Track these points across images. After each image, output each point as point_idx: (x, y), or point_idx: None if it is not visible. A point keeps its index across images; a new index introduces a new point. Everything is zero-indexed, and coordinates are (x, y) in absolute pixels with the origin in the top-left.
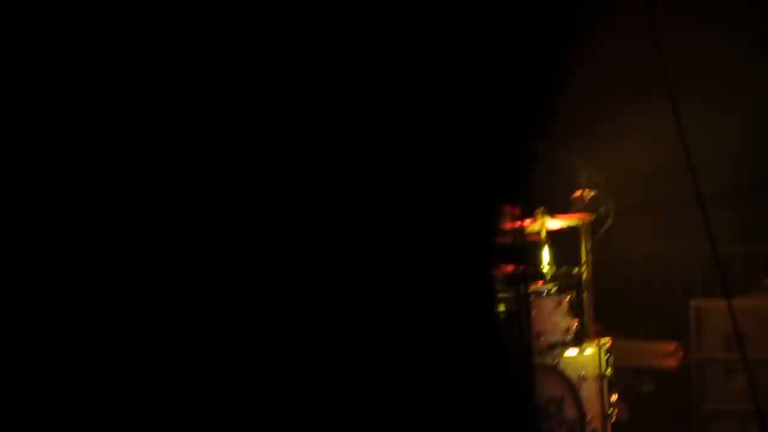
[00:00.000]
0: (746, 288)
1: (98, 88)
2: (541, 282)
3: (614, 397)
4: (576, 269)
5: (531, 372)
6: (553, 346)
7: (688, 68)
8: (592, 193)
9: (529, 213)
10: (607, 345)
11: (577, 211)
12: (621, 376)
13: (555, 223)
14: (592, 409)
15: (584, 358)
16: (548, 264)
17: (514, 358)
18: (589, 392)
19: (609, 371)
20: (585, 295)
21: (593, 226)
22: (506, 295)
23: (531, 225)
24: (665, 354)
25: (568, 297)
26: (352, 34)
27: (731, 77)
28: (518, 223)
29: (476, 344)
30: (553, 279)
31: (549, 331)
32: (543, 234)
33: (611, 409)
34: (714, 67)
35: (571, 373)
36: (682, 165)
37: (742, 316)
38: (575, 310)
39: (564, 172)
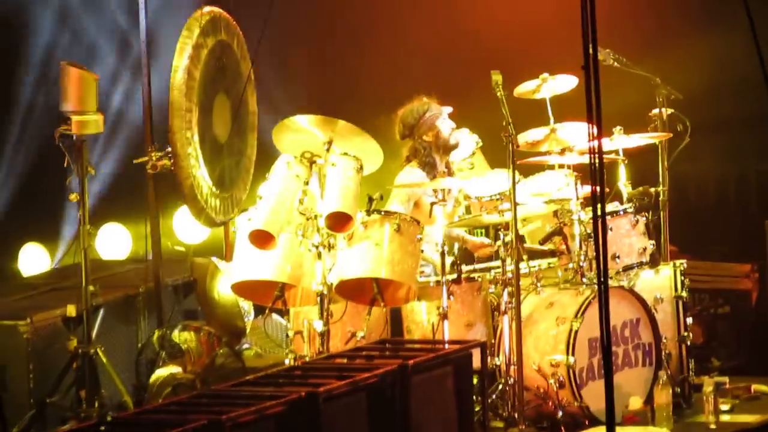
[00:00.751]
0: None
1: None
2: (617, 202)
3: (690, 319)
4: (653, 189)
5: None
6: (629, 268)
7: None
8: (669, 111)
9: (606, 131)
10: (683, 267)
11: (655, 129)
12: (697, 297)
13: (632, 142)
14: (667, 331)
15: (660, 279)
16: (625, 183)
17: None
18: (664, 314)
19: (685, 293)
20: (661, 215)
21: (670, 146)
22: (583, 215)
23: (608, 143)
24: (741, 275)
25: (645, 218)
26: None
27: None
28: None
29: None
30: (630, 199)
31: (625, 252)
32: (620, 153)
33: (687, 332)
34: None
35: (647, 294)
36: (755, 83)
37: None
38: (651, 230)
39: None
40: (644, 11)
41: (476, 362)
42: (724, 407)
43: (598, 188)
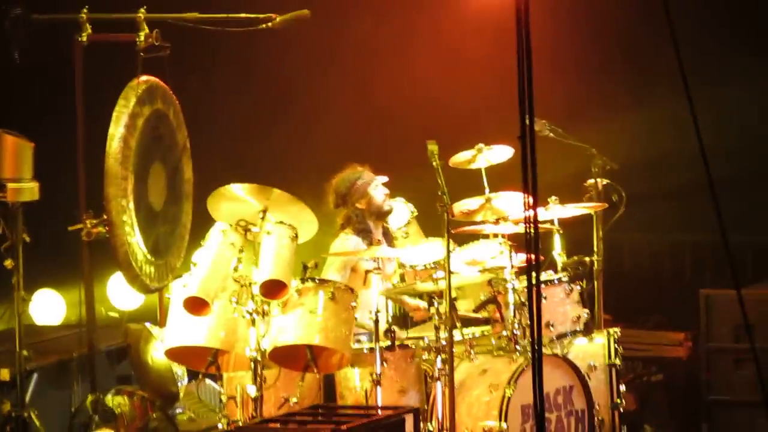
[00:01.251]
0: (756, 278)
1: None
2: (552, 271)
3: (623, 387)
4: (587, 258)
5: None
6: (562, 336)
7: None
8: (605, 182)
9: (542, 201)
10: (617, 335)
11: (590, 199)
12: (630, 365)
13: (567, 212)
14: (600, 398)
15: (594, 347)
16: (560, 252)
17: None
18: (597, 382)
19: (618, 361)
20: (595, 284)
21: (605, 215)
22: (517, 284)
23: (543, 213)
24: (674, 344)
25: (579, 286)
26: None
27: (740, 67)
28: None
29: None
30: (564, 268)
31: (559, 321)
32: (555, 222)
33: (620, 399)
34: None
35: (580, 362)
36: (690, 154)
37: (752, 306)
38: (585, 299)
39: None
40: (579, 83)
41: (409, 428)
42: None
43: (532, 257)
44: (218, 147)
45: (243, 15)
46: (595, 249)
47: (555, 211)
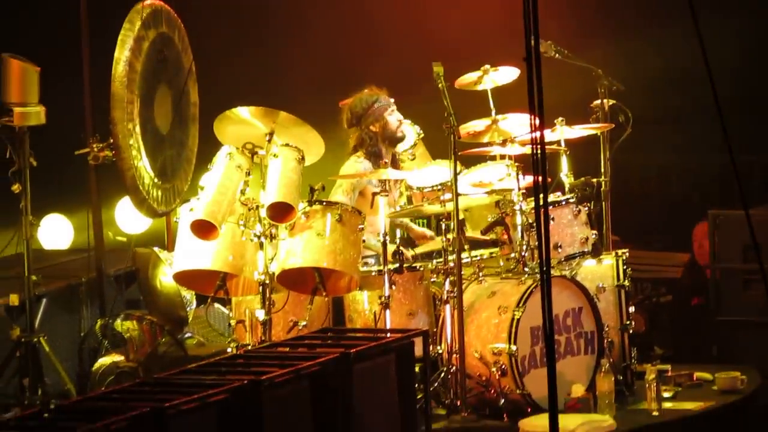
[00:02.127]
0: (765, 198)
1: None
2: (559, 192)
3: (632, 308)
4: (595, 180)
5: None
6: (571, 257)
7: None
8: (611, 102)
9: (548, 122)
10: (625, 256)
11: (596, 120)
12: (639, 287)
13: (574, 133)
14: (609, 319)
15: (602, 269)
16: (567, 174)
17: None
18: (606, 303)
19: (627, 282)
20: (603, 205)
21: (612, 136)
22: (525, 205)
23: (550, 134)
24: (682, 265)
25: (587, 208)
26: None
27: None
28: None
29: None
30: (572, 189)
31: (567, 242)
32: (562, 144)
33: (629, 321)
34: None
35: (589, 284)
36: (699, 74)
37: (761, 226)
38: (593, 220)
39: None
40: (586, 2)
41: (418, 351)
42: (667, 395)
43: (540, 178)
44: (224, 70)
45: None
46: (603, 170)
47: (562, 133)
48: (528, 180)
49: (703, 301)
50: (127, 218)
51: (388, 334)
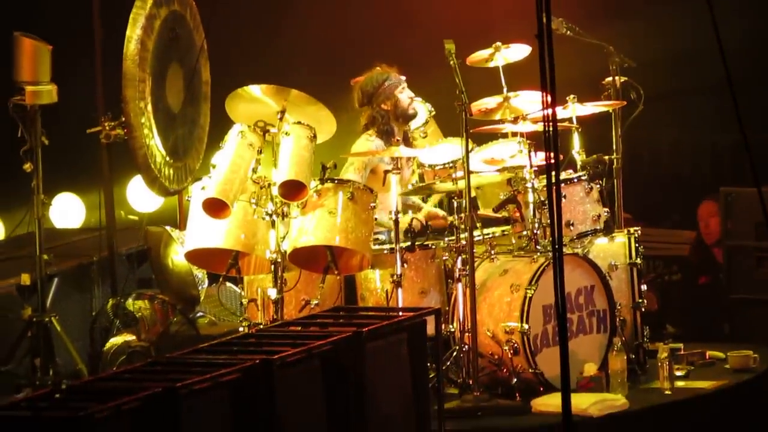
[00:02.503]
0: None
1: None
2: (571, 170)
3: (644, 286)
4: (607, 157)
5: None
6: (583, 235)
7: None
8: (623, 80)
9: (560, 99)
10: (637, 234)
11: (608, 97)
12: (651, 265)
13: (586, 110)
14: (621, 298)
15: (614, 246)
16: (578, 151)
17: None
18: (618, 281)
19: (639, 260)
20: (615, 183)
21: (624, 113)
22: (537, 183)
23: (561, 111)
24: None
25: (599, 185)
26: None
27: None
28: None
29: None
30: (584, 167)
31: (579, 220)
32: (573, 121)
33: (641, 299)
34: None
35: (601, 262)
36: (708, 52)
37: None
38: (605, 198)
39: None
40: None
41: (430, 329)
42: (679, 373)
43: (551, 156)
44: (236, 48)
45: None
46: (614, 147)
47: (574, 110)
48: (540, 157)
49: (710, 280)
50: (139, 197)
51: (400, 313)
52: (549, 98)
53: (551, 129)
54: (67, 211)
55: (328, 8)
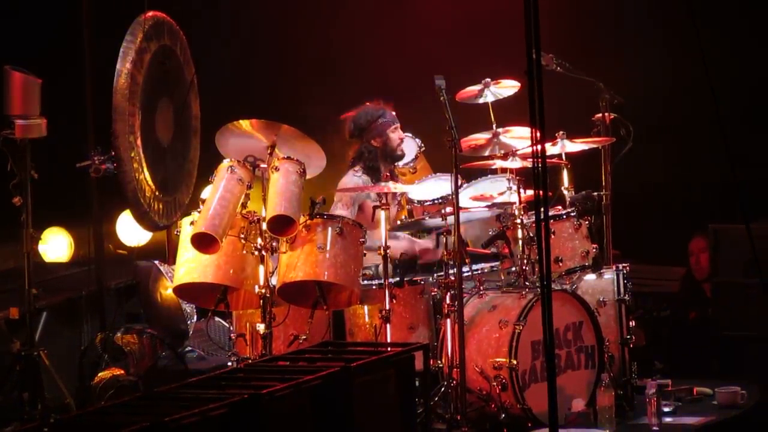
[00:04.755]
0: (765, 212)
1: None
2: (560, 206)
3: (632, 322)
4: (596, 193)
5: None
6: (571, 271)
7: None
8: (612, 116)
9: (549, 136)
10: (626, 270)
11: (598, 134)
12: (639, 301)
13: (575, 146)
14: (610, 334)
15: (603, 283)
16: (567, 187)
17: None
18: (607, 317)
19: (627, 296)
20: (604, 219)
21: (613, 150)
22: (526, 219)
23: (551, 148)
24: (680, 279)
25: (588, 221)
26: None
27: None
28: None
29: None
30: (573, 203)
31: (568, 256)
32: (563, 157)
33: (630, 335)
34: None
35: (590, 298)
36: (699, 89)
37: (762, 240)
38: (594, 234)
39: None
40: (587, 17)
41: (419, 364)
42: (667, 409)
43: (540, 192)
44: (225, 83)
45: None
46: (604, 183)
47: (563, 146)
48: (529, 193)
49: (699, 315)
50: (128, 231)
51: (389, 348)
52: (538, 134)
53: (540, 165)
54: (57, 245)
55: (319, 42)
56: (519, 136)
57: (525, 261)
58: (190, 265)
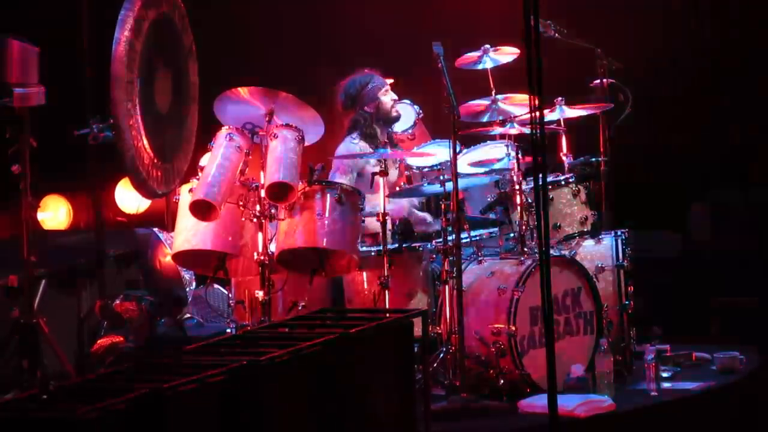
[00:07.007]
0: (766, 179)
1: None
2: (559, 172)
3: (631, 288)
4: (594, 159)
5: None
6: (570, 237)
7: None
8: (611, 82)
9: (548, 102)
10: (625, 236)
11: (596, 100)
12: (638, 266)
13: (573, 112)
14: (608, 299)
15: (601, 248)
16: (566, 154)
17: None
18: (605, 283)
19: (626, 262)
20: (602, 185)
21: (611, 116)
22: (524, 185)
23: (549, 114)
24: (680, 244)
25: (586, 187)
26: None
27: None
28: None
29: None
30: (571, 169)
31: (566, 222)
32: (561, 123)
33: (628, 300)
34: None
35: (588, 264)
36: (698, 54)
37: (761, 206)
38: (593, 200)
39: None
40: None
41: (417, 331)
42: (666, 374)
43: (539, 158)
44: (224, 49)
45: None
46: (602, 149)
47: (561, 112)
48: (528, 160)
49: (698, 282)
50: (127, 199)
51: (387, 315)
52: (536, 101)
53: (539, 131)
54: (56, 213)
55: (317, 10)
56: (518, 102)
57: (524, 227)
58: (189, 233)
